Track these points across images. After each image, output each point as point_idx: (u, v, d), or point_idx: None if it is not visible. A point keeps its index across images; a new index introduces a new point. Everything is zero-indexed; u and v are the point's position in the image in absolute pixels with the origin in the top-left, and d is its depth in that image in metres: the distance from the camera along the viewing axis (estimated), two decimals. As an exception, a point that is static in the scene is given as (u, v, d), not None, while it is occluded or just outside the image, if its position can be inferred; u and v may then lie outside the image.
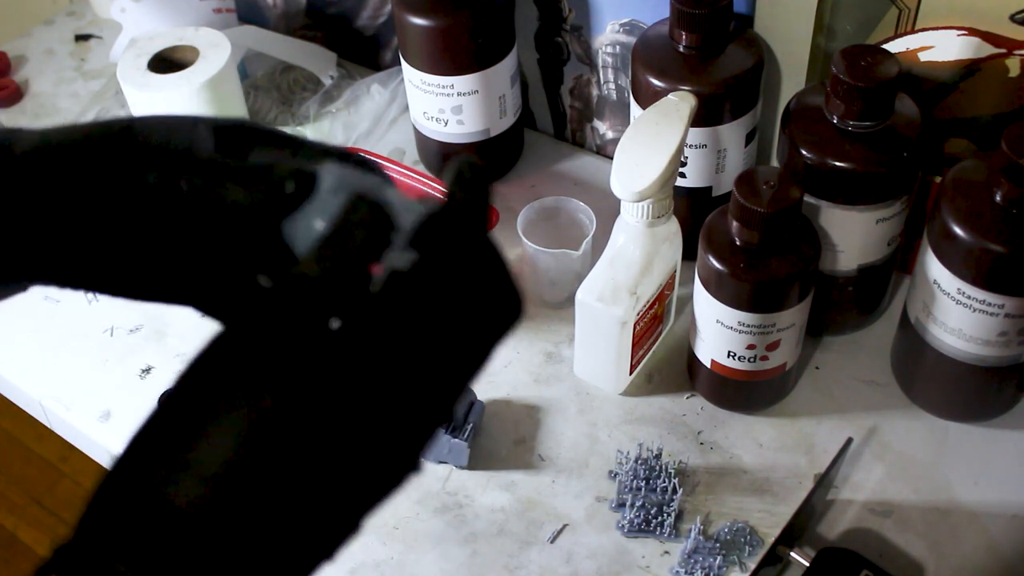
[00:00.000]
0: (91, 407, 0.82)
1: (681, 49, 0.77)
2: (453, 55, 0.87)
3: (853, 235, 0.74)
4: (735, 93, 0.77)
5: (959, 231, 0.65)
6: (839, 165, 0.70)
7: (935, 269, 0.69)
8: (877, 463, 0.75)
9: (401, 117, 1.03)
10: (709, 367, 0.75)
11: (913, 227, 0.79)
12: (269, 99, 1.06)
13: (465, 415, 0.76)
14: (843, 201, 0.72)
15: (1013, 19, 0.70)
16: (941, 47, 0.73)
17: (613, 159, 0.70)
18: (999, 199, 0.65)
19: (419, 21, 0.85)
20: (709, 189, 0.82)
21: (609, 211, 0.77)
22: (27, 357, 0.87)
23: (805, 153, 0.71)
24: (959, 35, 0.72)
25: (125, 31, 1.05)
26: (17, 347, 0.88)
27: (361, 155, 0.44)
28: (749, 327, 0.71)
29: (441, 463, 0.76)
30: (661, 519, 0.71)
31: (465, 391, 0.40)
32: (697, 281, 0.72)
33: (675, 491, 0.72)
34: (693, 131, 0.77)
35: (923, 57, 0.74)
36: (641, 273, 0.74)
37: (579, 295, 0.75)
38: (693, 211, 0.81)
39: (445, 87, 0.88)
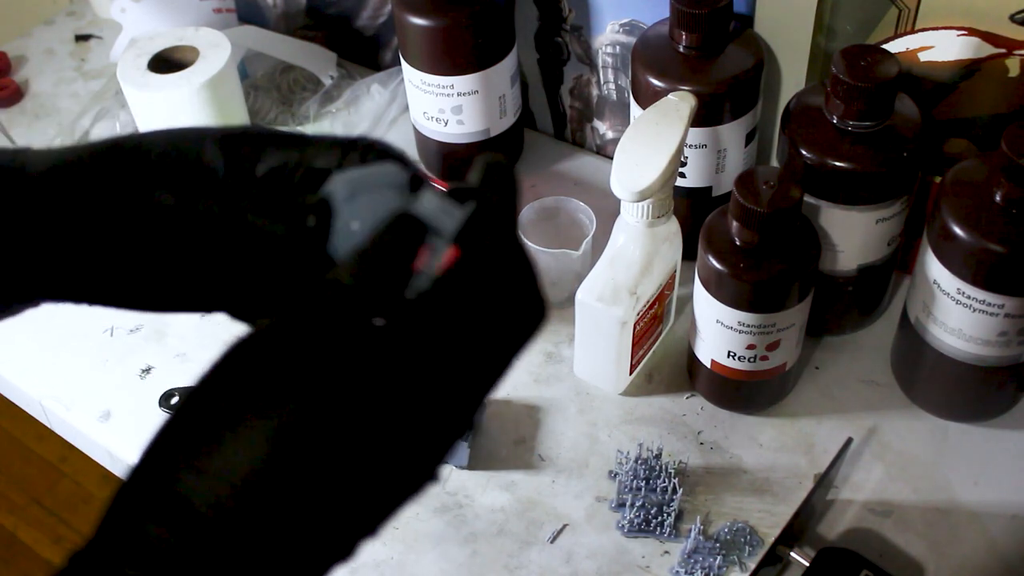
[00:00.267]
0: (91, 407, 0.82)
1: (681, 49, 0.77)
2: (453, 55, 0.87)
3: (853, 235, 0.74)
4: (735, 93, 0.77)
5: (959, 231, 0.65)
6: (839, 165, 0.70)
7: (935, 269, 0.69)
8: (877, 463, 0.75)
9: (401, 117, 1.03)
10: (709, 367, 0.75)
11: (913, 227, 0.79)
12: (269, 99, 1.06)
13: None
14: (843, 201, 0.72)
15: (1013, 19, 0.70)
16: (941, 47, 0.73)
17: (613, 159, 0.70)
18: (999, 199, 0.65)
19: (419, 21, 0.85)
20: (709, 189, 0.82)
21: (609, 211, 0.77)
22: (27, 357, 0.87)
23: (805, 153, 0.71)
24: (959, 35, 0.72)
25: (125, 31, 1.05)
26: (17, 347, 0.88)
27: (370, 141, 0.43)
28: (749, 327, 0.71)
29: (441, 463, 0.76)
30: (661, 519, 0.71)
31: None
32: (697, 281, 0.72)
33: (675, 491, 0.72)
34: (693, 131, 0.77)
35: (923, 57, 0.74)
36: (641, 273, 0.74)
37: (579, 295, 0.75)
38: (693, 211, 0.81)
39: (445, 87, 0.88)
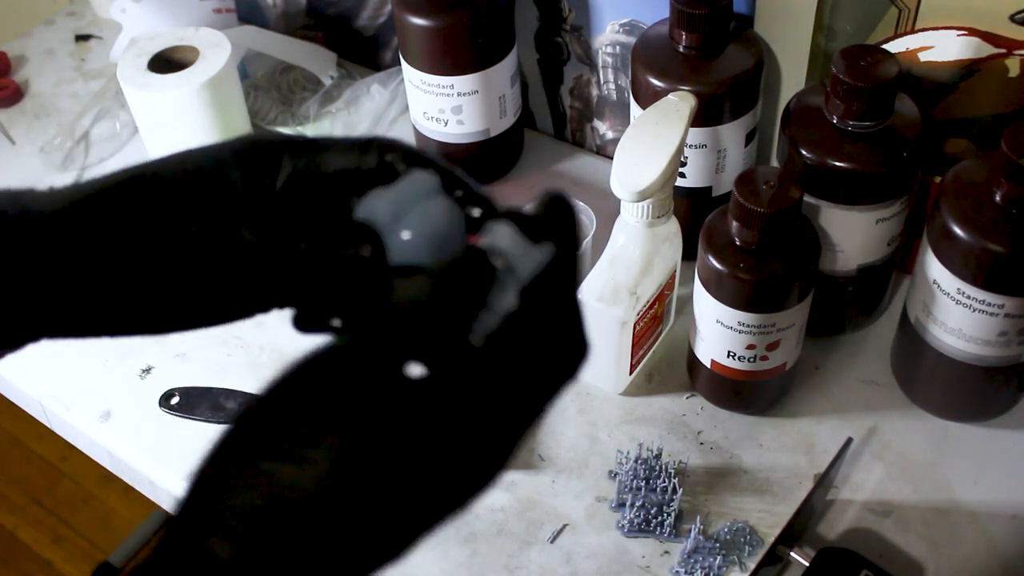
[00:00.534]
0: (91, 407, 0.82)
1: (681, 49, 0.77)
2: (453, 55, 0.87)
3: (853, 235, 0.74)
4: (735, 93, 0.77)
5: (959, 231, 0.65)
6: (839, 165, 0.70)
7: (935, 269, 0.69)
8: (877, 463, 0.75)
9: (401, 117, 1.03)
10: (709, 367, 0.75)
11: (913, 227, 0.79)
12: (269, 99, 1.06)
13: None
14: (843, 201, 0.72)
15: (1013, 19, 0.70)
16: (941, 47, 0.73)
17: (613, 159, 0.70)
18: (999, 199, 0.65)
19: (419, 21, 0.85)
20: (709, 189, 0.82)
21: (609, 211, 0.77)
22: (27, 357, 0.86)
23: (805, 153, 0.71)
24: (959, 35, 0.72)
25: (125, 31, 1.05)
26: (17, 347, 0.87)
27: (384, 141, 0.44)
28: (749, 327, 0.71)
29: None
30: (661, 519, 0.71)
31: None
32: (697, 281, 0.72)
33: (675, 491, 0.72)
34: (693, 131, 0.77)
35: (923, 57, 0.74)
36: (641, 273, 0.74)
37: (579, 295, 0.74)
38: (693, 211, 0.81)
39: (445, 87, 0.88)
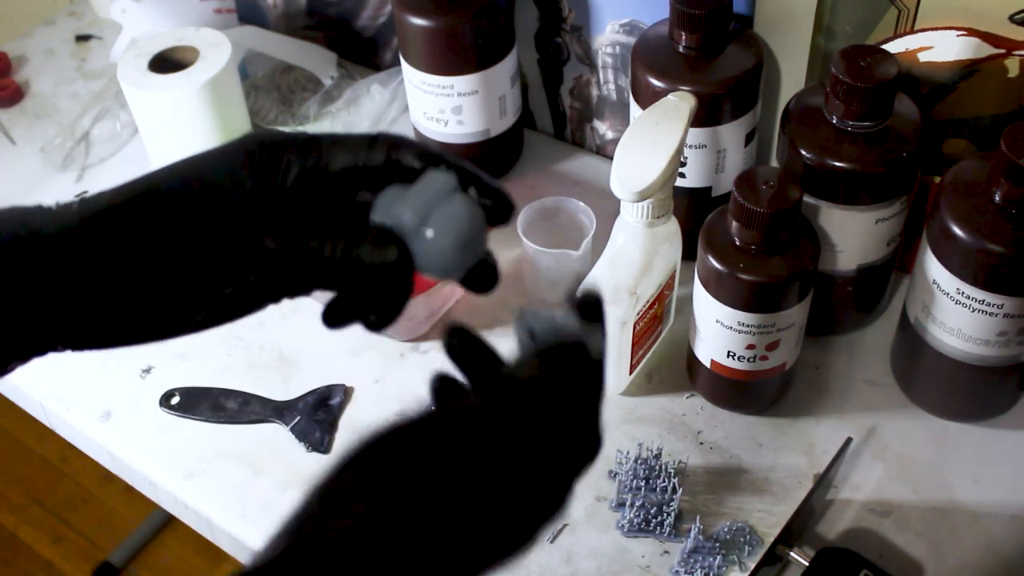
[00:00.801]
0: (91, 407, 0.82)
1: (681, 49, 0.77)
2: (453, 55, 0.87)
3: (853, 235, 0.74)
4: (735, 93, 0.77)
5: (958, 231, 0.66)
6: (839, 165, 0.70)
7: (934, 269, 0.69)
8: (876, 463, 0.75)
9: (401, 117, 1.03)
10: (709, 367, 0.75)
11: (913, 227, 0.79)
12: (269, 99, 1.06)
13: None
14: (843, 201, 0.72)
15: (1012, 19, 0.70)
16: (940, 47, 0.73)
17: (613, 159, 0.70)
18: (998, 199, 0.65)
19: (419, 21, 0.85)
20: (709, 189, 0.82)
21: (609, 211, 0.77)
22: (27, 357, 0.87)
23: (805, 153, 0.71)
24: (958, 35, 0.72)
25: (125, 31, 1.05)
26: (17, 347, 0.87)
27: (390, 137, 0.45)
28: (749, 327, 0.71)
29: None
30: (661, 519, 0.71)
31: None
32: (697, 281, 0.72)
33: (675, 491, 0.72)
34: (693, 131, 0.77)
35: (922, 57, 0.74)
36: (641, 273, 0.74)
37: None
38: (693, 211, 0.81)
39: (445, 87, 0.88)
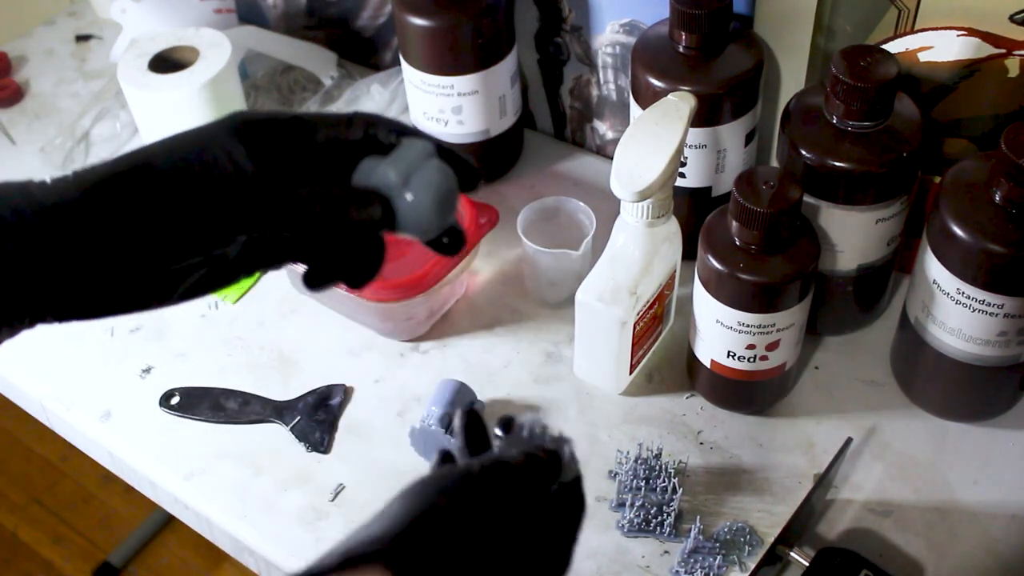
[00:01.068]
0: (91, 407, 0.82)
1: (681, 49, 0.77)
2: (453, 55, 0.87)
3: (853, 235, 0.74)
4: (735, 93, 0.77)
5: (958, 231, 0.66)
6: (839, 165, 0.70)
7: (934, 269, 0.69)
8: (877, 463, 0.75)
9: (401, 117, 1.03)
10: (709, 367, 0.75)
11: (913, 227, 0.79)
12: (269, 99, 1.06)
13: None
14: (843, 201, 0.72)
15: (1012, 19, 0.70)
16: (941, 47, 0.73)
17: (613, 159, 0.70)
18: (999, 199, 0.65)
19: (419, 21, 0.85)
20: (709, 189, 0.82)
21: (609, 211, 0.77)
22: (27, 357, 0.87)
23: (805, 153, 0.71)
24: (959, 35, 0.72)
25: (125, 31, 1.05)
26: (17, 347, 0.87)
27: (366, 115, 0.48)
28: (749, 327, 0.71)
29: (441, 463, 0.76)
30: (661, 519, 0.71)
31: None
32: (697, 281, 0.72)
33: (675, 491, 0.72)
34: (693, 131, 0.77)
35: (923, 57, 0.74)
36: (641, 273, 0.74)
37: (579, 295, 0.75)
38: (693, 211, 0.81)
39: (445, 87, 0.88)
